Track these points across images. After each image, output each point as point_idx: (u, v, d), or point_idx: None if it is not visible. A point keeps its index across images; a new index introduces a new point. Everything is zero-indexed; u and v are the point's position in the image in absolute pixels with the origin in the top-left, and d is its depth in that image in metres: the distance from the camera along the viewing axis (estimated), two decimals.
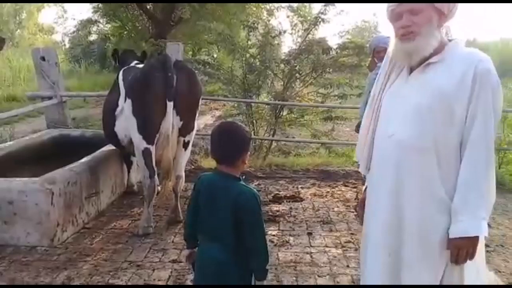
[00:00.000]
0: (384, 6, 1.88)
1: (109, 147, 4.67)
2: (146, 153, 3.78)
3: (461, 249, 1.67)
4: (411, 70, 1.82)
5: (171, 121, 3.69)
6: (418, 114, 1.72)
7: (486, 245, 3.70)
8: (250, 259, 1.89)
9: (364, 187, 2.11)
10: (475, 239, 1.67)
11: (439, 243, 1.72)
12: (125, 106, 3.87)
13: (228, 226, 1.86)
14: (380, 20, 36.53)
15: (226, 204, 1.86)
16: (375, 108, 1.94)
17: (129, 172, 4.97)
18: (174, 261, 3.34)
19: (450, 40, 1.78)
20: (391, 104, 1.85)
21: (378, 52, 4.25)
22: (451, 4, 1.73)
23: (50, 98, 6.00)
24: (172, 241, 3.72)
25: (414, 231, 1.75)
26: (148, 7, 14.53)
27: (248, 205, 1.85)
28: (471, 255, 1.68)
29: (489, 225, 1.73)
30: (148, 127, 3.73)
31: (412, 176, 1.74)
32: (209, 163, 6.12)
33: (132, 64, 4.42)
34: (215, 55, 13.12)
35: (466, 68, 1.67)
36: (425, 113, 1.70)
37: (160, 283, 3.05)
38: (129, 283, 3.04)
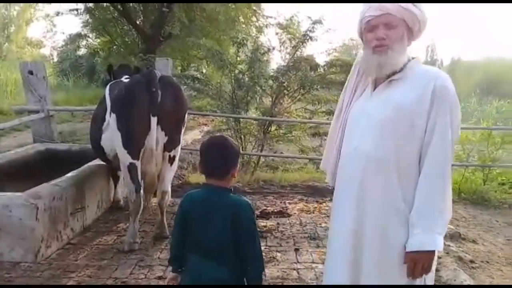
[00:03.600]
0: None
1: (96, 161, 4.64)
2: (131, 168, 3.77)
3: (417, 263, 1.70)
4: (375, 86, 1.89)
5: (155, 136, 3.68)
6: (380, 128, 1.78)
7: (471, 261, 3.77)
8: (248, 268, 1.89)
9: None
10: (431, 253, 1.71)
11: (398, 256, 1.75)
12: (110, 120, 3.87)
13: (225, 239, 1.85)
14: None
15: (224, 216, 1.85)
16: (341, 121, 2.00)
17: (115, 187, 4.94)
18: (160, 278, 3.30)
19: (411, 59, 1.85)
20: (356, 117, 1.91)
21: None
22: (421, 25, 1.80)
23: (37, 112, 5.96)
24: (158, 257, 3.68)
25: (375, 243, 1.79)
26: (137, 22, 14.60)
27: (245, 214, 1.87)
28: (426, 269, 1.72)
29: (474, 241, 1.76)
30: (133, 142, 3.71)
31: (373, 188, 1.79)
32: (197, 178, 6.11)
33: (121, 79, 4.42)
34: (204, 71, 13.18)
35: (425, 85, 1.74)
36: (387, 127, 1.76)
37: None
38: None
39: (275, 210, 4.97)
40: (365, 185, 1.80)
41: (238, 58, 7.82)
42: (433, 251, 1.71)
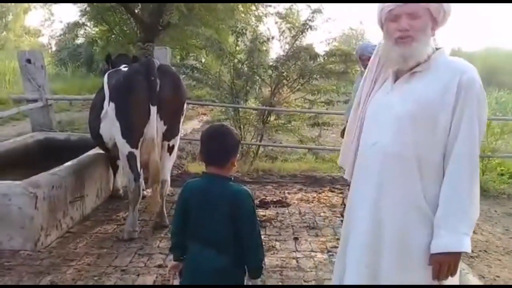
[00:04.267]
0: (373, 10, 1.86)
1: (95, 150, 4.63)
2: (130, 157, 3.76)
3: (442, 265, 1.63)
4: (396, 78, 1.80)
5: (155, 125, 3.67)
6: (401, 123, 1.69)
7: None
8: (248, 257, 1.90)
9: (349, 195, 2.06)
10: (457, 255, 1.63)
11: (419, 257, 1.68)
12: (109, 109, 3.85)
13: (226, 228, 1.85)
14: (367, 28, 36.92)
15: (223, 205, 1.85)
16: (360, 115, 1.92)
17: (115, 176, 4.94)
18: (159, 266, 3.31)
19: (436, 49, 1.75)
20: (375, 112, 1.83)
21: (363, 60, 4.29)
22: (446, 12, 1.71)
23: (35, 101, 5.93)
24: (158, 246, 3.69)
25: (394, 242, 1.71)
26: (136, 11, 14.48)
27: (245, 203, 1.86)
28: (453, 271, 1.64)
29: (473, 231, 1.71)
30: (132, 131, 3.70)
31: (393, 185, 1.71)
32: (196, 167, 6.11)
33: (120, 68, 4.40)
34: (203, 60, 13.11)
35: (451, 78, 1.64)
36: (408, 122, 1.68)
37: None
38: None
39: (274, 200, 4.99)
40: (383, 182, 1.73)
41: (237, 48, 7.77)
42: (460, 253, 1.63)
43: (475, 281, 3.28)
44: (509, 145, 7.53)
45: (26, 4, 27.56)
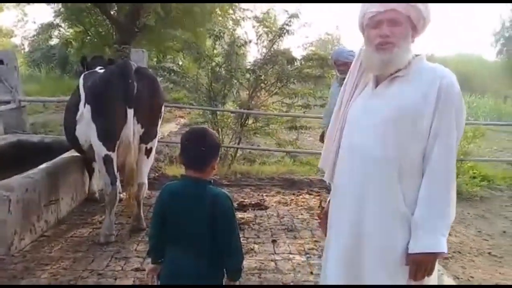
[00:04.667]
0: (349, 18, 1.88)
1: (70, 153, 4.55)
2: (107, 160, 3.71)
3: (419, 265, 1.65)
4: (377, 83, 1.82)
5: (131, 128, 3.64)
6: (382, 127, 1.71)
7: None
8: (227, 260, 1.89)
9: (328, 198, 2.07)
10: (434, 255, 1.66)
11: (399, 257, 1.70)
12: (85, 111, 3.80)
13: (204, 231, 1.84)
14: (343, 33, 37.43)
15: (202, 208, 1.84)
16: (341, 118, 1.93)
17: (90, 179, 4.86)
18: (137, 270, 3.27)
19: (415, 55, 1.78)
20: (356, 116, 1.84)
21: (338, 65, 4.35)
22: (425, 20, 1.74)
23: (8, 102, 5.81)
24: (135, 249, 3.65)
25: (375, 244, 1.73)
26: (112, 12, 14.33)
27: (224, 206, 1.86)
28: (429, 271, 1.67)
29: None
30: (108, 133, 3.66)
31: (374, 188, 1.73)
32: (174, 170, 6.07)
33: (96, 69, 4.34)
34: (180, 63, 13.05)
35: (431, 83, 1.67)
36: (389, 126, 1.70)
37: None
38: None
39: (253, 202, 4.99)
40: (364, 185, 1.74)
41: (215, 51, 7.76)
42: (436, 253, 1.65)
43: (450, 281, 3.35)
44: (481, 148, 7.73)
45: None
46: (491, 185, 6.45)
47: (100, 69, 4.35)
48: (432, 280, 1.76)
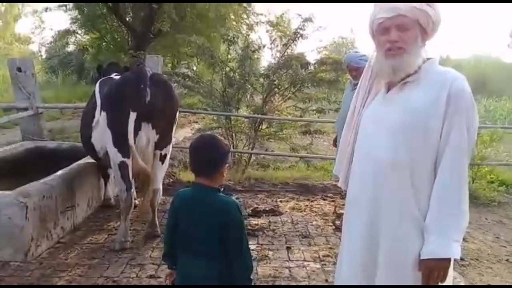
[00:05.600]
0: (363, 21, 1.88)
1: (86, 159, 4.60)
2: (122, 166, 3.74)
3: (431, 271, 1.64)
4: (389, 88, 1.83)
5: (132, 129, 3.60)
6: (394, 132, 1.72)
7: (461, 259, 3.80)
8: (236, 269, 1.89)
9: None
10: (446, 261, 1.65)
11: (413, 263, 1.69)
12: (100, 118, 3.84)
13: (214, 239, 1.85)
14: (357, 36, 37.25)
15: (211, 216, 1.86)
16: (354, 124, 1.95)
17: (106, 185, 4.90)
18: (151, 277, 3.28)
19: (427, 59, 1.78)
20: (369, 121, 1.85)
21: (350, 69, 4.33)
22: (435, 23, 1.73)
23: (25, 109, 5.90)
24: (150, 256, 3.67)
25: (389, 249, 1.73)
26: (127, 18, 14.48)
27: (232, 214, 1.87)
28: (442, 277, 1.65)
29: (464, 239, 1.72)
30: (123, 140, 3.68)
31: (387, 193, 1.73)
32: (188, 176, 6.09)
33: (112, 76, 4.38)
34: (194, 68, 13.12)
35: (441, 87, 1.67)
36: (401, 131, 1.70)
37: None
38: None
39: (267, 209, 4.98)
40: (378, 191, 1.75)
41: (229, 56, 7.78)
42: (448, 259, 1.65)
43: None
44: (498, 153, 7.61)
45: (16, 12, 27.43)
46: (509, 190, 6.35)
47: (116, 75, 4.39)
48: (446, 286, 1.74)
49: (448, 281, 1.72)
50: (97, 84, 4.24)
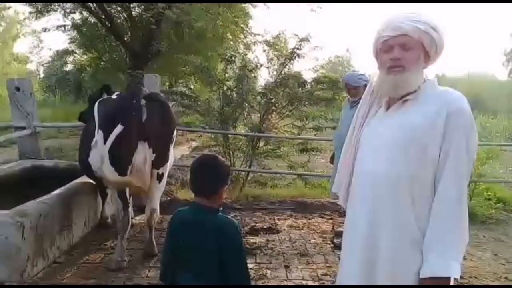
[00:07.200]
0: (358, 37, 1.90)
1: (83, 178, 4.59)
2: (118, 185, 3.73)
3: None
4: (389, 106, 1.85)
5: (105, 145, 3.59)
6: (393, 152, 1.73)
7: (460, 277, 3.77)
8: None
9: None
10: (445, 280, 1.63)
11: (412, 282, 1.69)
12: (97, 137, 3.84)
13: (212, 259, 1.85)
14: (352, 56, 37.65)
15: (210, 237, 1.85)
16: (353, 143, 1.96)
17: (103, 204, 4.88)
18: None
19: (426, 79, 1.80)
20: (368, 139, 1.86)
21: (348, 89, 4.38)
22: (438, 47, 1.76)
23: (23, 128, 5.89)
24: (147, 276, 3.64)
25: (388, 269, 1.72)
26: (126, 39, 14.60)
27: (231, 235, 1.87)
28: None
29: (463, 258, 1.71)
30: (120, 159, 3.68)
31: (386, 213, 1.73)
32: (185, 194, 6.08)
33: (111, 96, 4.39)
34: (192, 87, 13.17)
35: (441, 106, 1.68)
36: (400, 150, 1.71)
37: None
38: None
39: (264, 227, 4.96)
40: (376, 209, 1.75)
41: (226, 75, 7.85)
42: (448, 278, 1.62)
43: None
44: (495, 170, 7.63)
45: (15, 31, 27.61)
46: (506, 207, 6.32)
47: (117, 95, 4.41)
48: None
49: None
50: (96, 104, 4.25)
